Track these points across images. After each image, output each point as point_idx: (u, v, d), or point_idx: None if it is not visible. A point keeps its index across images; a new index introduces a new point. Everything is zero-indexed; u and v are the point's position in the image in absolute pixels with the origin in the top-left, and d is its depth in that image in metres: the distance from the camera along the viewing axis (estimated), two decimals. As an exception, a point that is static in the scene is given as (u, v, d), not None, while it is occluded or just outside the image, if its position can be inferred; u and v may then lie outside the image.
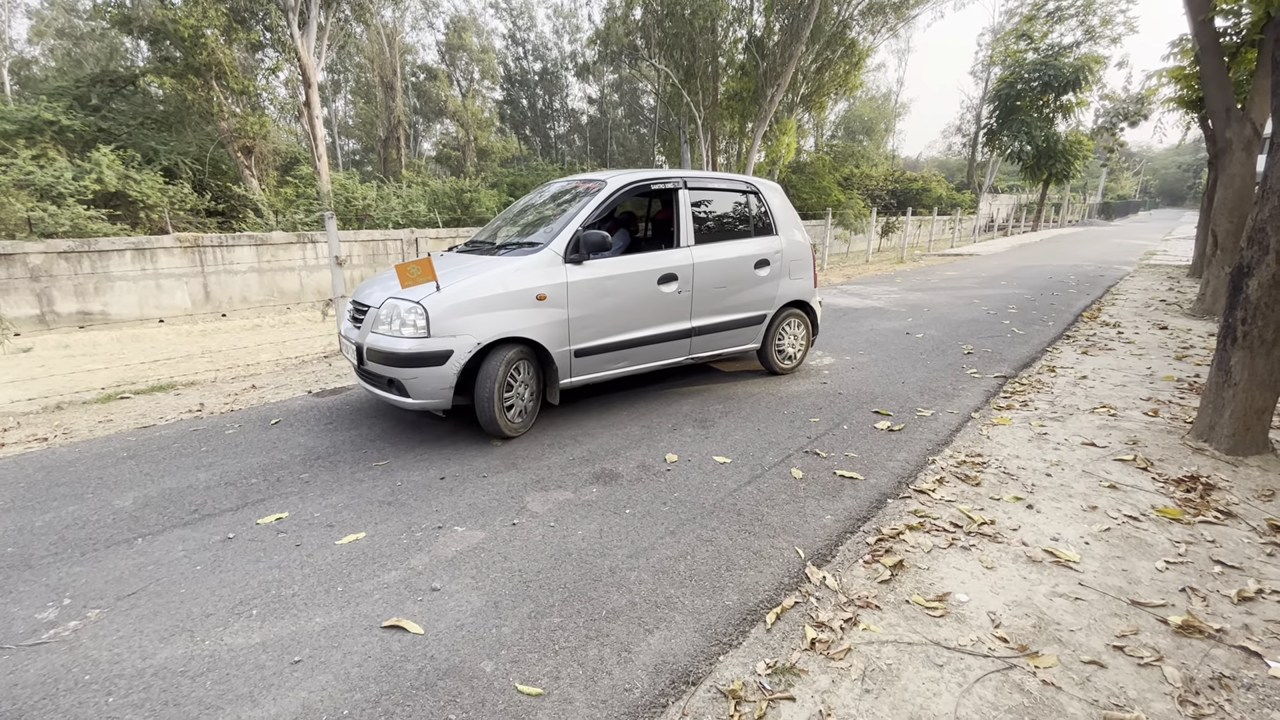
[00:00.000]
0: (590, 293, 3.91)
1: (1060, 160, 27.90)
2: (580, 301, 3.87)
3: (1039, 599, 2.24)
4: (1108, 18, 26.59)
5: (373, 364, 3.57)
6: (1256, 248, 3.31)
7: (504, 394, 3.63)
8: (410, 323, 3.46)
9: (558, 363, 3.84)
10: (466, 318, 3.49)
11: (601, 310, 3.98)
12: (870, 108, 46.11)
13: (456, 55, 38.25)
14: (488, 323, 3.54)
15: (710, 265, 4.50)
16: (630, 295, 4.11)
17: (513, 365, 3.66)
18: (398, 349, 3.44)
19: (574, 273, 3.85)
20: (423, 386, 3.47)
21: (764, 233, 4.93)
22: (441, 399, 3.52)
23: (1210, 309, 7.87)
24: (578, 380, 4.02)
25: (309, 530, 2.64)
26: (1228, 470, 3.30)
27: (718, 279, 4.56)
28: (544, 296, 3.72)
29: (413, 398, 3.49)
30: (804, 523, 2.72)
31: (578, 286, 3.85)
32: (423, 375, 3.44)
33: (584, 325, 3.91)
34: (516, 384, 3.73)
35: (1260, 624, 2.11)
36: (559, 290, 3.78)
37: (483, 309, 3.54)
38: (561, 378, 3.91)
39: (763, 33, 21.76)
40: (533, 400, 3.88)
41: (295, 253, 10.39)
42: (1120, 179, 65.01)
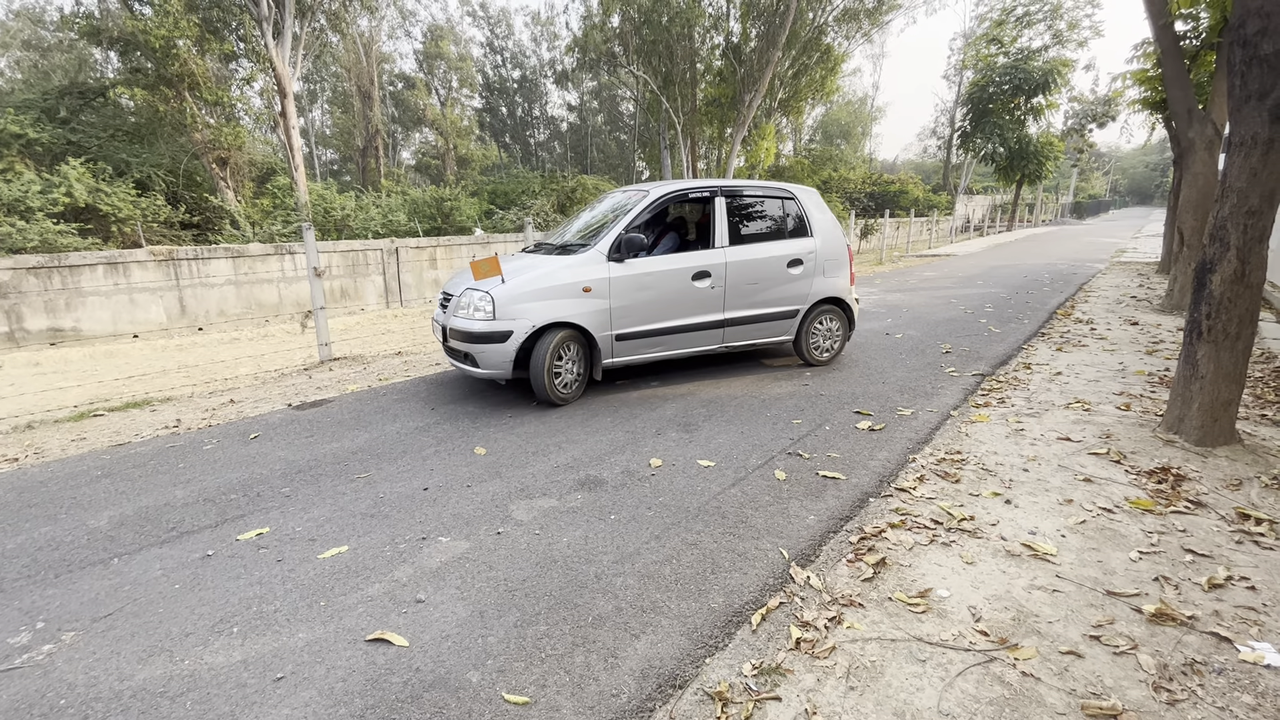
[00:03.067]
0: (630, 286, 4.59)
1: (1032, 161, 28.49)
2: (621, 293, 4.56)
3: (1018, 592, 2.28)
4: (1074, 22, 27.26)
5: (453, 341, 4.47)
6: (1218, 244, 3.41)
7: (554, 368, 4.41)
8: (480, 308, 4.31)
9: (600, 345, 4.56)
10: (524, 305, 4.29)
11: (640, 301, 4.64)
12: (847, 112, 46.74)
13: (434, 64, 38.13)
14: (541, 309, 4.32)
15: (742, 264, 5.02)
16: (666, 289, 4.74)
17: (562, 345, 4.42)
18: (470, 329, 4.30)
19: (615, 269, 4.54)
20: (489, 359, 4.30)
21: (799, 234, 5.38)
22: (503, 370, 4.33)
23: (1179, 304, 8.07)
24: (619, 361, 4.72)
25: (290, 545, 2.61)
26: (1197, 461, 3.38)
27: (750, 276, 5.06)
28: (589, 289, 4.45)
29: (482, 368, 4.35)
30: (788, 524, 2.75)
31: (619, 281, 4.55)
32: (489, 350, 4.28)
33: (624, 314, 4.60)
34: (564, 360, 4.48)
35: (1230, 610, 2.16)
36: (602, 284, 4.49)
37: (538, 298, 4.33)
38: (604, 358, 4.63)
39: (739, 39, 21.99)
40: (578, 376, 4.60)
41: (273, 264, 10.27)
42: (1091, 179, 66.50)
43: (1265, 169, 3.22)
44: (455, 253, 12.35)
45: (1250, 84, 3.21)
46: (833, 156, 37.46)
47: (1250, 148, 3.24)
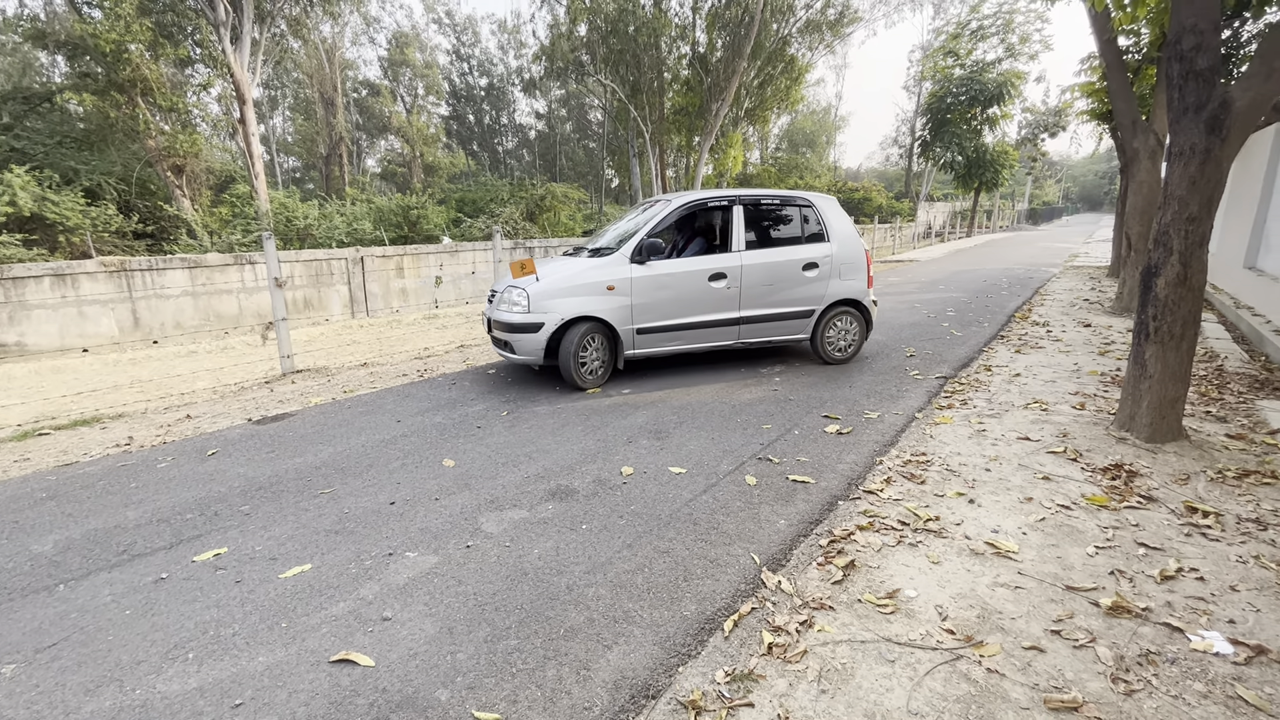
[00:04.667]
0: (650, 286, 5.11)
1: (990, 169, 29.42)
2: (641, 292, 5.08)
3: (982, 590, 2.33)
4: (1025, 36, 28.27)
5: (496, 331, 5.18)
6: (1162, 249, 3.56)
7: (580, 356, 4.96)
8: (517, 302, 4.93)
9: (622, 338, 5.10)
10: (555, 300, 4.88)
11: (659, 299, 5.15)
12: (811, 121, 47.63)
13: (400, 71, 37.67)
14: (570, 305, 4.89)
15: (758, 266, 5.44)
16: (683, 288, 5.22)
17: (587, 336, 4.98)
18: (509, 320, 4.95)
19: (637, 270, 5.07)
20: (524, 347, 4.93)
21: (816, 239, 5.73)
22: (536, 356, 4.95)
23: (1128, 306, 8.41)
24: (640, 353, 5.24)
25: (250, 565, 2.52)
26: (1148, 457, 3.52)
27: (765, 278, 5.47)
28: (613, 287, 5.00)
29: (517, 354, 4.98)
30: (759, 529, 2.76)
31: (640, 281, 5.08)
32: (524, 339, 4.90)
33: (644, 310, 5.11)
34: (590, 350, 5.04)
35: (1181, 601, 2.25)
36: (625, 283, 5.03)
37: (567, 295, 4.92)
38: (625, 349, 5.16)
39: (706, 49, 22.26)
40: (602, 365, 5.15)
41: (232, 275, 9.98)
42: (1044, 186, 68.93)
43: (1203, 178, 3.38)
44: (422, 262, 12.19)
45: (1187, 97, 3.37)
46: (799, 165, 38.12)
47: (1189, 157, 3.40)
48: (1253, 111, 3.26)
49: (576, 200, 25.42)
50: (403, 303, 11.93)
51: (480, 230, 15.86)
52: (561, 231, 18.41)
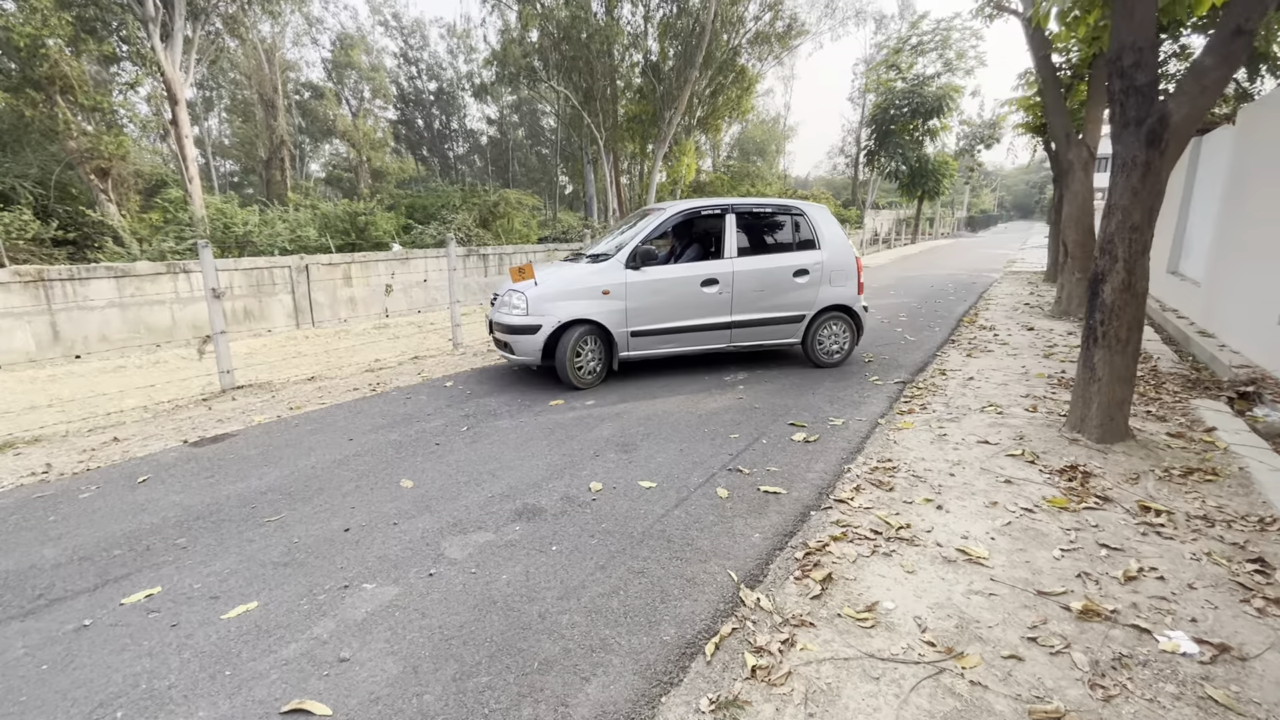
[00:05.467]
0: (644, 290, 5.30)
1: (931, 179, 30.59)
2: (635, 296, 5.28)
3: (957, 598, 2.34)
4: (961, 52, 29.57)
5: (497, 332, 5.40)
6: (1108, 257, 3.70)
7: (575, 358, 5.17)
8: (516, 305, 5.15)
9: (617, 340, 5.29)
10: (552, 304, 5.09)
11: (652, 304, 5.34)
12: (762, 130, 48.59)
13: (345, 73, 36.58)
14: (566, 308, 5.10)
15: (749, 272, 5.62)
16: (676, 293, 5.41)
17: (583, 338, 5.17)
18: (508, 322, 5.17)
19: (632, 275, 5.27)
20: (522, 347, 5.14)
21: (806, 247, 5.89)
22: (534, 357, 5.15)
23: (1066, 310, 8.81)
24: (634, 355, 5.43)
25: (188, 606, 2.30)
26: (1100, 458, 3.63)
27: (756, 284, 5.64)
28: (608, 292, 5.21)
29: (517, 354, 5.20)
30: (734, 544, 2.71)
31: (634, 286, 5.27)
32: (522, 340, 5.12)
33: (638, 314, 5.31)
34: (585, 351, 5.23)
35: (1145, 601, 2.30)
36: (619, 288, 5.24)
37: (564, 298, 5.13)
38: (620, 351, 5.35)
39: (658, 58, 22.40)
40: (598, 365, 5.33)
41: (165, 284, 9.39)
42: (981, 195, 72.24)
43: (1144, 188, 3.53)
44: (371, 270, 11.77)
45: (1129, 111, 3.52)
46: (750, 173, 38.78)
47: (1131, 169, 3.55)
48: (1188, 125, 3.42)
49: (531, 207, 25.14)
50: (351, 312, 11.48)
51: (432, 237, 15.46)
52: (516, 239, 18.14)
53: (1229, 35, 3.23)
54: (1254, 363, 5.55)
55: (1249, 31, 3.21)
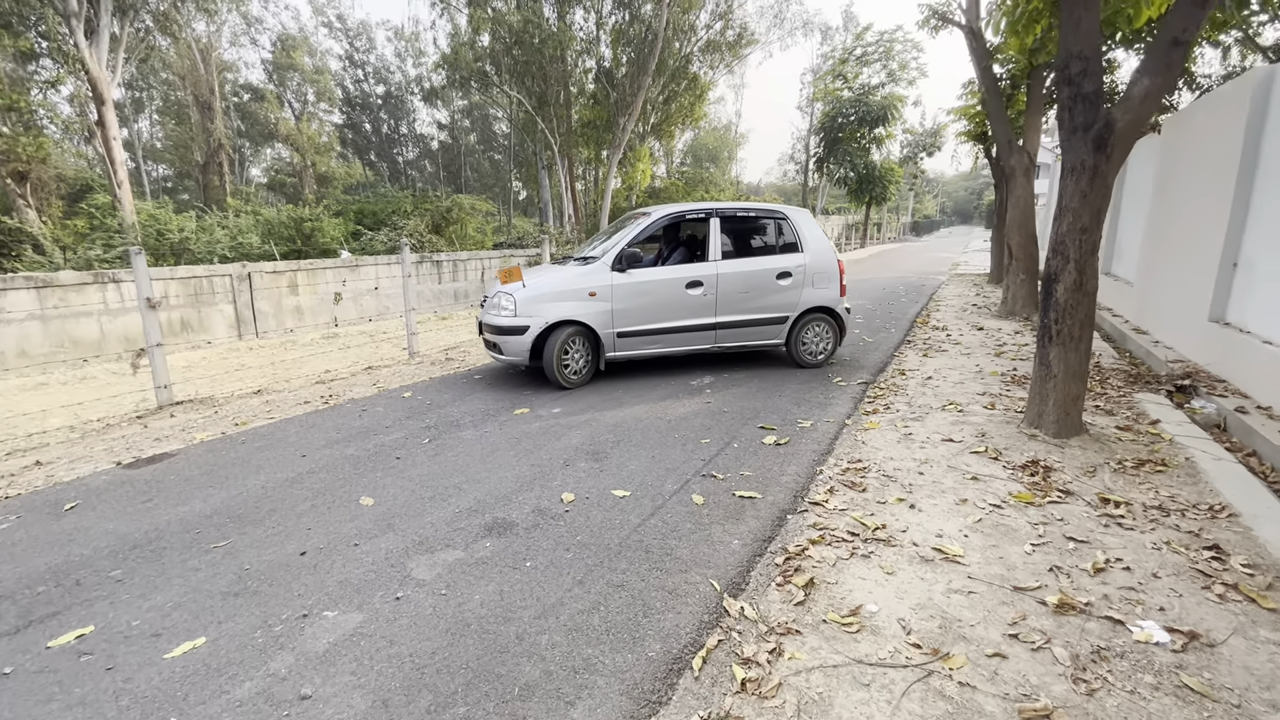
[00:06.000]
0: (629, 292, 5.43)
1: (878, 185, 31.58)
2: (621, 298, 5.40)
3: (938, 598, 2.34)
4: (904, 63, 30.70)
5: (486, 333, 5.48)
6: (1059, 258, 3.82)
7: (563, 358, 5.29)
8: (505, 307, 5.26)
9: (604, 340, 5.42)
10: (540, 305, 5.21)
11: (638, 305, 5.47)
12: (714, 137, 49.26)
13: (287, 75, 35.29)
14: (554, 309, 5.22)
15: (733, 275, 5.74)
16: (661, 295, 5.54)
17: (570, 339, 5.30)
18: (497, 323, 5.27)
19: (618, 278, 5.41)
20: (511, 348, 5.26)
21: (790, 250, 6.04)
22: (522, 357, 5.28)
23: (1012, 310, 9.15)
24: (620, 355, 5.56)
25: (125, 645, 2.10)
26: (1058, 452, 3.74)
27: (739, 286, 5.76)
28: (594, 293, 5.33)
29: (505, 355, 5.32)
30: (713, 552, 2.65)
31: (620, 288, 5.41)
32: (511, 341, 5.23)
33: (624, 315, 5.44)
34: (572, 352, 5.36)
35: (1115, 592, 2.35)
36: (606, 290, 5.36)
37: (551, 300, 5.25)
38: (607, 351, 5.49)
39: (611, 64, 22.43)
40: (585, 366, 5.46)
41: (93, 295, 8.78)
42: (924, 201, 75.06)
43: (1093, 191, 3.67)
44: (319, 277, 11.32)
45: (1076, 117, 3.66)
46: (704, 179, 39.18)
47: (1080, 173, 3.68)
48: (1131, 131, 3.57)
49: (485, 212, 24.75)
50: (298, 322, 11.00)
51: (382, 243, 15.01)
52: (470, 245, 17.80)
53: (1167, 45, 3.39)
54: (1186, 358, 5.85)
55: (1185, 42, 3.37)
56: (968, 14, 8.67)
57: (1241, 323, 5.14)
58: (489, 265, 14.54)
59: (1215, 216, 5.49)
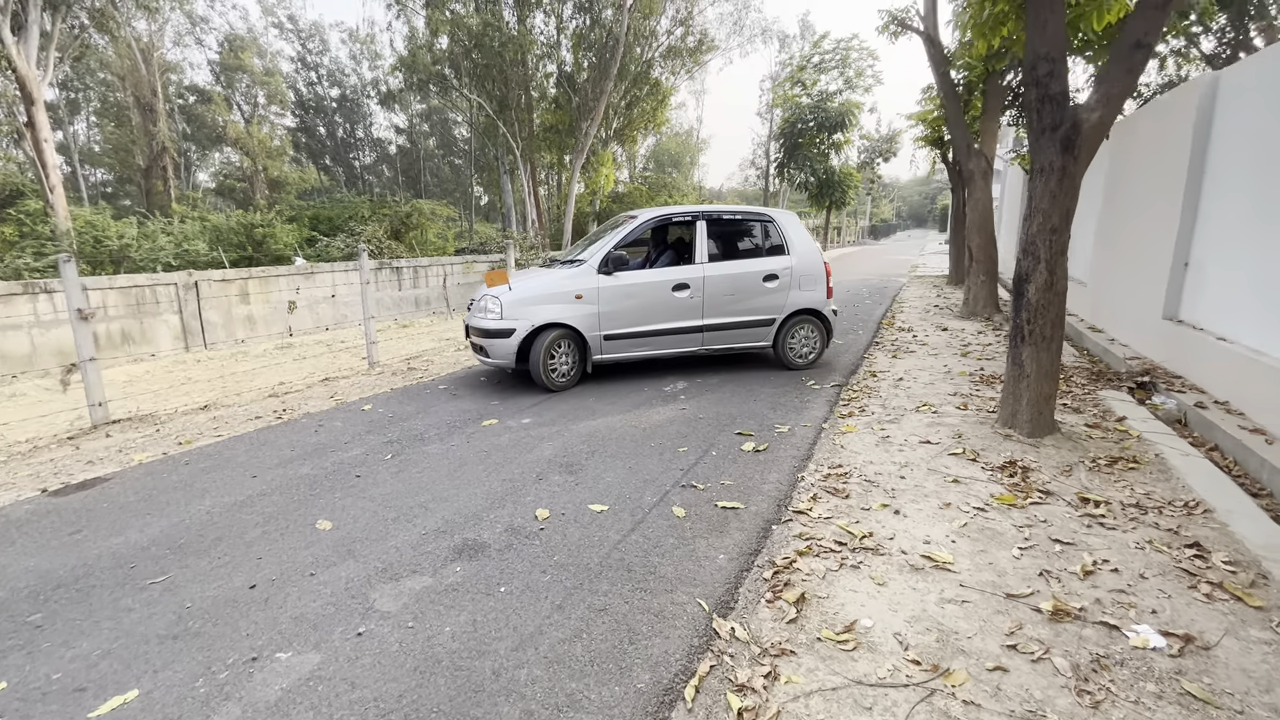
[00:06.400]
0: (616, 295, 5.44)
1: (838, 189, 32.15)
2: (608, 300, 5.41)
3: (932, 609, 2.26)
4: (860, 70, 31.42)
5: (473, 336, 5.48)
6: (1030, 258, 3.84)
7: (549, 360, 5.30)
8: (491, 309, 5.27)
9: (590, 343, 5.43)
10: (526, 308, 5.23)
11: (625, 308, 5.48)
12: (676, 143, 49.54)
13: (235, 77, 34.07)
14: (540, 312, 5.23)
15: (719, 278, 5.76)
16: (648, 298, 5.55)
17: (556, 342, 5.32)
18: (483, 326, 5.28)
19: (604, 281, 5.41)
20: (497, 351, 5.26)
21: (776, 253, 6.04)
22: (508, 360, 5.27)
23: (974, 311, 9.33)
24: (607, 358, 5.57)
25: (43, 703, 1.85)
26: (1033, 452, 3.75)
27: (726, 288, 5.77)
28: (581, 296, 5.35)
29: (491, 358, 5.34)
30: (699, 568, 2.52)
31: (606, 290, 5.42)
32: (497, 344, 5.24)
33: (611, 318, 5.44)
34: (559, 355, 5.37)
35: (1107, 596, 2.31)
36: (592, 292, 5.38)
37: (537, 302, 5.26)
38: (594, 354, 5.49)
39: (572, 69, 22.31)
40: (571, 368, 5.47)
41: (21, 306, 8.19)
42: (881, 205, 77.01)
43: (1061, 192, 3.70)
44: (272, 285, 10.84)
45: (1044, 118, 3.68)
46: (667, 184, 39.34)
47: (1049, 174, 3.70)
48: (1097, 132, 3.61)
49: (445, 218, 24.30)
50: (249, 332, 10.51)
51: (339, 250, 14.53)
52: (431, 250, 17.40)
53: (1130, 48, 3.43)
54: (1142, 354, 6.01)
55: (1147, 45, 3.42)
56: (926, 21, 8.83)
57: (1194, 320, 5.29)
58: (451, 271, 14.21)
59: (1166, 219, 5.65)
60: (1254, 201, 4.54)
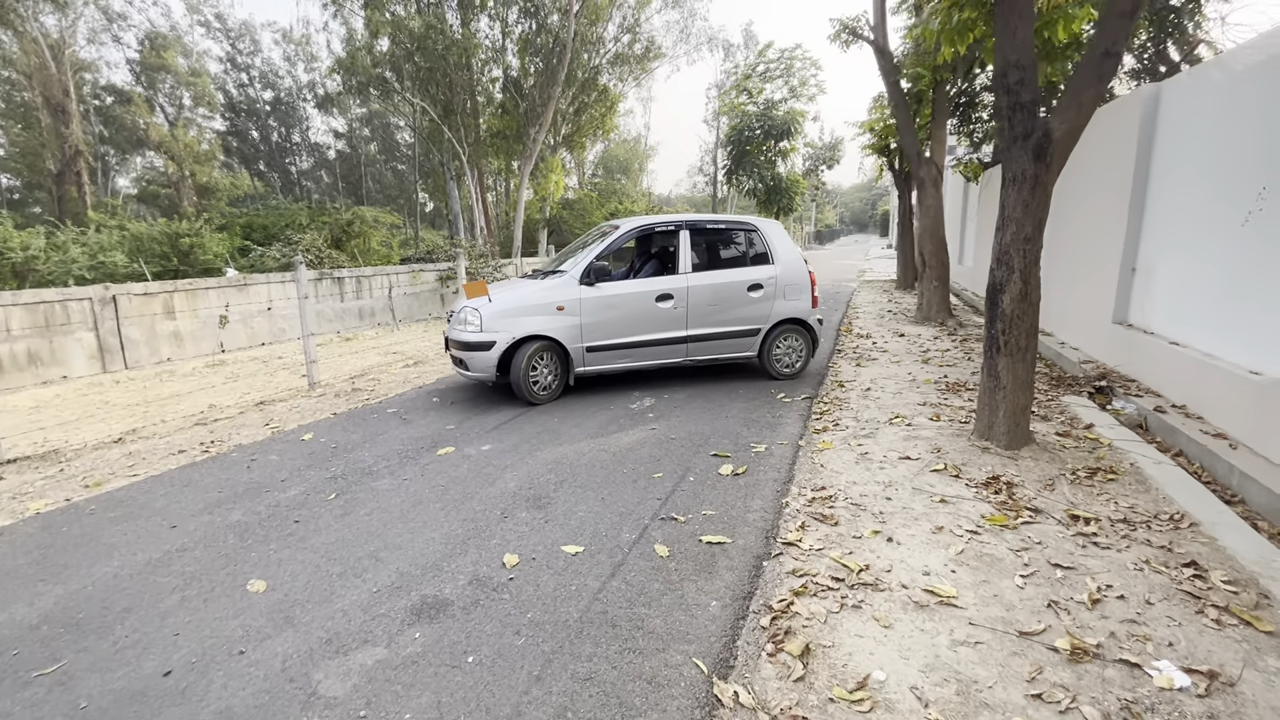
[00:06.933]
0: (598, 306, 5.35)
1: (785, 196, 32.61)
2: (590, 312, 5.32)
3: (945, 653, 2.09)
4: (804, 79, 32.09)
5: (452, 349, 5.39)
6: (1005, 268, 3.78)
7: (530, 373, 5.19)
8: (470, 322, 5.16)
9: (572, 355, 5.34)
10: (506, 320, 5.13)
11: (607, 319, 5.39)
12: (624, 149, 49.55)
13: (158, 77, 32.04)
14: (521, 324, 5.13)
15: (703, 288, 5.67)
16: (631, 309, 5.46)
17: (538, 354, 5.22)
18: (462, 339, 5.17)
19: (586, 291, 5.32)
20: (477, 364, 5.15)
21: (760, 262, 5.94)
22: (489, 374, 5.17)
23: (928, 316, 9.46)
24: (590, 370, 5.48)
25: None
26: (1013, 465, 3.68)
27: (710, 298, 5.68)
28: (562, 307, 5.25)
29: (471, 371, 5.22)
30: (691, 619, 2.28)
31: (589, 301, 5.32)
32: (476, 357, 5.12)
33: (593, 329, 5.35)
34: (540, 367, 5.27)
35: (1119, 627, 2.19)
36: (574, 304, 5.28)
37: (518, 314, 5.17)
38: (576, 366, 5.40)
39: (519, 74, 21.90)
40: (554, 381, 5.37)
41: (-102, 330, 7.28)
42: (825, 211, 79.09)
43: (1034, 201, 3.65)
44: (200, 299, 10.06)
45: (1016, 127, 3.63)
46: (617, 190, 39.23)
47: (1021, 183, 3.65)
48: (1068, 140, 3.58)
49: (389, 225, 23.46)
50: (176, 350, 9.71)
51: (275, 260, 13.71)
52: (376, 259, 16.68)
53: (1100, 57, 3.41)
54: (1094, 358, 6.14)
55: (1116, 54, 3.40)
56: (876, 31, 8.92)
57: (1145, 325, 5.42)
58: (397, 281, 13.59)
59: (1113, 225, 5.78)
60: (1199, 208, 4.65)
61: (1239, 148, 4.20)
